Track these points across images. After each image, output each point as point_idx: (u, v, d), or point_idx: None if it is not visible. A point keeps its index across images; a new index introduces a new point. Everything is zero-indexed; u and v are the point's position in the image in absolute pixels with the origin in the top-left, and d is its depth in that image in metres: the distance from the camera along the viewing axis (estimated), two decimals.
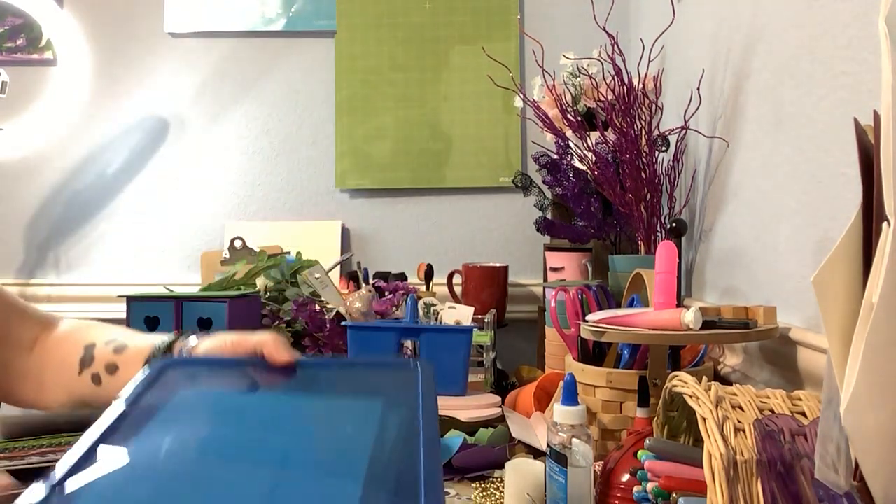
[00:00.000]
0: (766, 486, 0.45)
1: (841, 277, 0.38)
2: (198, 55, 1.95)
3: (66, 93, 1.94)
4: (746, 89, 1.07)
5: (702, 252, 1.28)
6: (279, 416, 0.56)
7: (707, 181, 1.25)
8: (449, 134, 1.90)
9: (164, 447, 0.51)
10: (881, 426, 0.35)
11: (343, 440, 0.52)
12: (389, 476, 0.46)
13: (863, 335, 0.35)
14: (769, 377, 0.95)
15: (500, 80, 1.62)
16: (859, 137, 0.38)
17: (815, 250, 0.84)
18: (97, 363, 0.80)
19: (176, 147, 1.95)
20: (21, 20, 1.94)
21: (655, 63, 1.33)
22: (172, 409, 0.56)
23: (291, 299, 1.32)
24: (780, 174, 0.94)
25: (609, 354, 1.01)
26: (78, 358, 0.81)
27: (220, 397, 0.61)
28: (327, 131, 1.93)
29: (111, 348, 0.80)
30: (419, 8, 1.91)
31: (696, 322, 0.81)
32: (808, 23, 0.86)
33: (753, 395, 0.56)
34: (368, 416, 0.54)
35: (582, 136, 1.34)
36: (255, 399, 0.61)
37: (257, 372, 0.65)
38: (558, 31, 1.85)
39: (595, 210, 1.39)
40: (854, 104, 0.75)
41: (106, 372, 0.79)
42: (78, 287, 1.92)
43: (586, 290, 1.08)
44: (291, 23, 1.94)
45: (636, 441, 0.73)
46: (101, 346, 0.81)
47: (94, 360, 0.80)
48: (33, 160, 1.94)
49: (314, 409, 0.58)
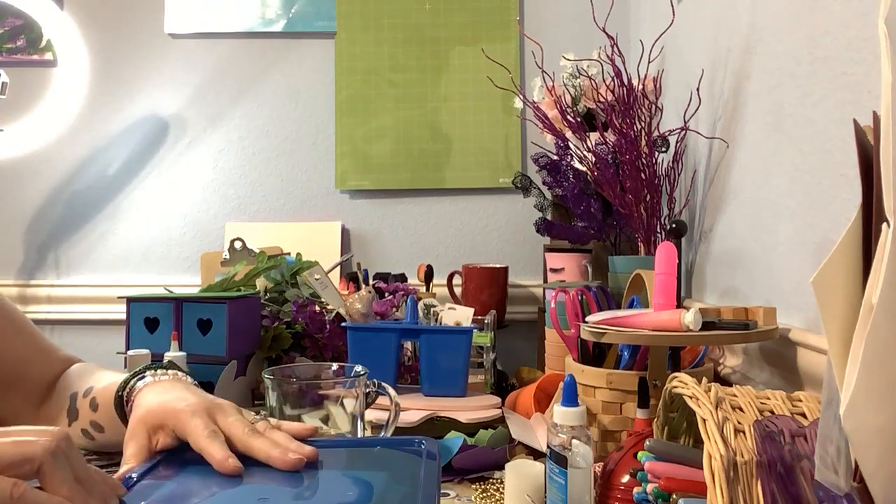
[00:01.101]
0: (766, 487, 0.45)
1: (841, 278, 0.38)
2: (198, 56, 1.95)
3: (66, 94, 1.94)
4: (746, 90, 1.07)
5: (702, 253, 1.28)
6: (282, 481, 0.56)
7: (707, 182, 1.25)
8: (449, 135, 1.90)
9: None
10: (881, 427, 0.35)
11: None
12: None
13: (862, 336, 0.35)
14: (769, 378, 0.95)
15: (500, 82, 1.61)
16: (859, 138, 0.38)
17: (815, 251, 0.84)
18: (82, 418, 0.78)
19: (176, 148, 1.95)
20: (21, 21, 1.94)
21: (655, 64, 1.33)
22: (177, 481, 0.56)
23: (291, 300, 1.32)
24: (780, 175, 0.94)
25: (609, 355, 1.01)
26: (66, 409, 0.80)
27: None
28: (327, 132, 1.93)
29: (87, 403, 0.78)
30: (419, 9, 1.91)
31: (695, 323, 0.81)
32: (807, 23, 0.86)
33: (753, 396, 0.56)
34: (369, 486, 0.54)
35: (582, 137, 1.34)
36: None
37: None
38: (558, 33, 1.85)
39: (595, 211, 1.39)
40: (854, 105, 0.75)
41: (93, 430, 0.78)
42: (78, 288, 1.92)
43: (586, 291, 1.08)
44: (291, 23, 1.94)
45: (636, 442, 0.73)
46: (80, 398, 0.79)
47: (79, 414, 0.79)
48: (33, 161, 1.95)
49: (315, 478, 0.57)
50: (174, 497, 0.52)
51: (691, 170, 1.34)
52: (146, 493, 0.53)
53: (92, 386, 0.79)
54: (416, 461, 0.59)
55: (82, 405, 0.79)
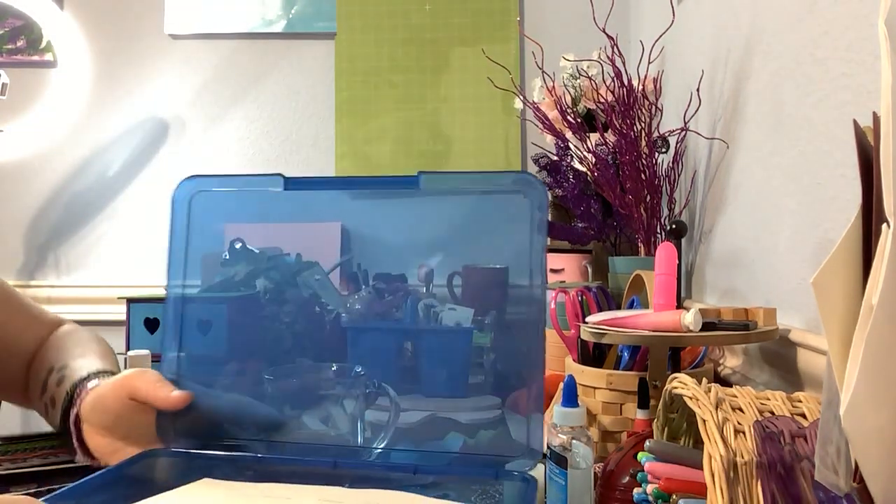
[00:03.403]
0: (766, 487, 0.45)
1: (840, 279, 0.38)
2: (198, 56, 1.95)
3: (66, 94, 1.94)
4: (746, 91, 1.07)
5: (702, 253, 1.28)
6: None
7: (707, 183, 1.25)
8: (449, 135, 1.90)
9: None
10: (881, 428, 0.35)
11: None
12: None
13: (862, 337, 0.35)
14: (769, 378, 0.95)
15: (500, 82, 1.62)
16: (859, 139, 0.38)
17: (815, 252, 0.84)
18: (48, 391, 0.78)
19: (176, 148, 1.95)
20: (21, 22, 1.94)
21: (655, 64, 1.33)
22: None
23: (291, 301, 1.32)
24: (780, 176, 0.94)
25: (609, 356, 1.01)
26: (42, 380, 0.80)
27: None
28: (327, 132, 1.93)
29: (56, 379, 0.78)
30: (419, 9, 1.92)
31: (696, 323, 0.81)
32: (807, 24, 0.86)
33: (753, 396, 0.56)
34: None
35: (582, 138, 1.34)
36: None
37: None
38: (558, 33, 1.85)
39: (595, 212, 1.39)
40: (854, 106, 0.75)
41: (50, 405, 0.78)
42: (78, 288, 1.92)
43: (586, 292, 1.08)
44: (291, 24, 1.94)
45: (636, 443, 0.73)
46: (55, 373, 0.79)
47: (48, 388, 0.79)
48: (34, 161, 1.95)
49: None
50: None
51: (691, 170, 1.34)
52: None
53: (66, 363, 0.79)
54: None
55: (52, 381, 0.79)
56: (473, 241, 0.81)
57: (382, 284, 0.89)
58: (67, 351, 0.83)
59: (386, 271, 0.84)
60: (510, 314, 0.75)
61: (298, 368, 0.81)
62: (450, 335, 0.76)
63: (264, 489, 0.61)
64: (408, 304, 0.93)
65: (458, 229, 0.84)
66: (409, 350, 1.23)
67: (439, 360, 1.07)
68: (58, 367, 0.80)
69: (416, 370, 0.82)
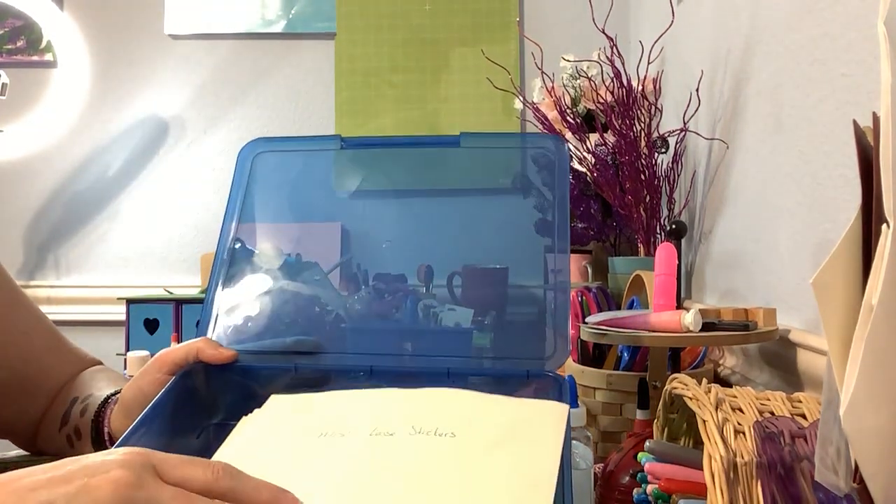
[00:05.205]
0: (765, 488, 0.45)
1: (840, 279, 0.38)
2: (198, 57, 1.95)
3: (66, 94, 1.94)
4: (746, 91, 1.07)
5: (701, 254, 1.28)
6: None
7: (706, 183, 1.25)
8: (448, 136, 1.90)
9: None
10: (881, 428, 0.35)
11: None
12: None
13: (862, 337, 0.35)
14: (769, 379, 0.95)
15: (500, 83, 1.61)
16: (858, 139, 0.38)
17: (815, 252, 0.84)
18: (70, 423, 0.77)
19: (176, 149, 1.95)
20: (21, 22, 1.94)
21: (655, 65, 1.33)
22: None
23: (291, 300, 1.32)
24: (780, 176, 0.94)
25: (609, 356, 1.01)
26: (62, 411, 0.79)
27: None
28: (327, 133, 1.93)
29: (79, 409, 0.77)
30: (419, 10, 1.92)
31: (695, 324, 0.81)
32: (807, 25, 0.86)
33: (753, 397, 0.56)
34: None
35: (581, 139, 1.34)
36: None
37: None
38: (558, 34, 1.85)
39: (595, 212, 1.39)
40: (854, 106, 0.75)
41: (75, 436, 0.76)
42: (78, 289, 1.92)
43: (586, 292, 1.08)
44: (291, 25, 1.94)
45: (636, 443, 0.73)
46: (78, 403, 0.78)
47: (69, 419, 0.77)
48: (33, 162, 1.95)
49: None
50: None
51: (691, 171, 1.34)
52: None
53: (91, 393, 0.78)
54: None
55: (75, 411, 0.78)
56: (473, 241, 0.81)
57: (382, 285, 0.88)
58: (94, 384, 0.81)
59: (386, 271, 0.85)
60: (510, 314, 0.75)
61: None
62: (450, 335, 0.76)
63: (334, 396, 0.63)
64: (407, 305, 0.93)
65: (457, 229, 0.85)
66: (409, 350, 1.23)
67: (439, 361, 1.07)
68: (82, 397, 0.78)
69: (416, 370, 0.82)
